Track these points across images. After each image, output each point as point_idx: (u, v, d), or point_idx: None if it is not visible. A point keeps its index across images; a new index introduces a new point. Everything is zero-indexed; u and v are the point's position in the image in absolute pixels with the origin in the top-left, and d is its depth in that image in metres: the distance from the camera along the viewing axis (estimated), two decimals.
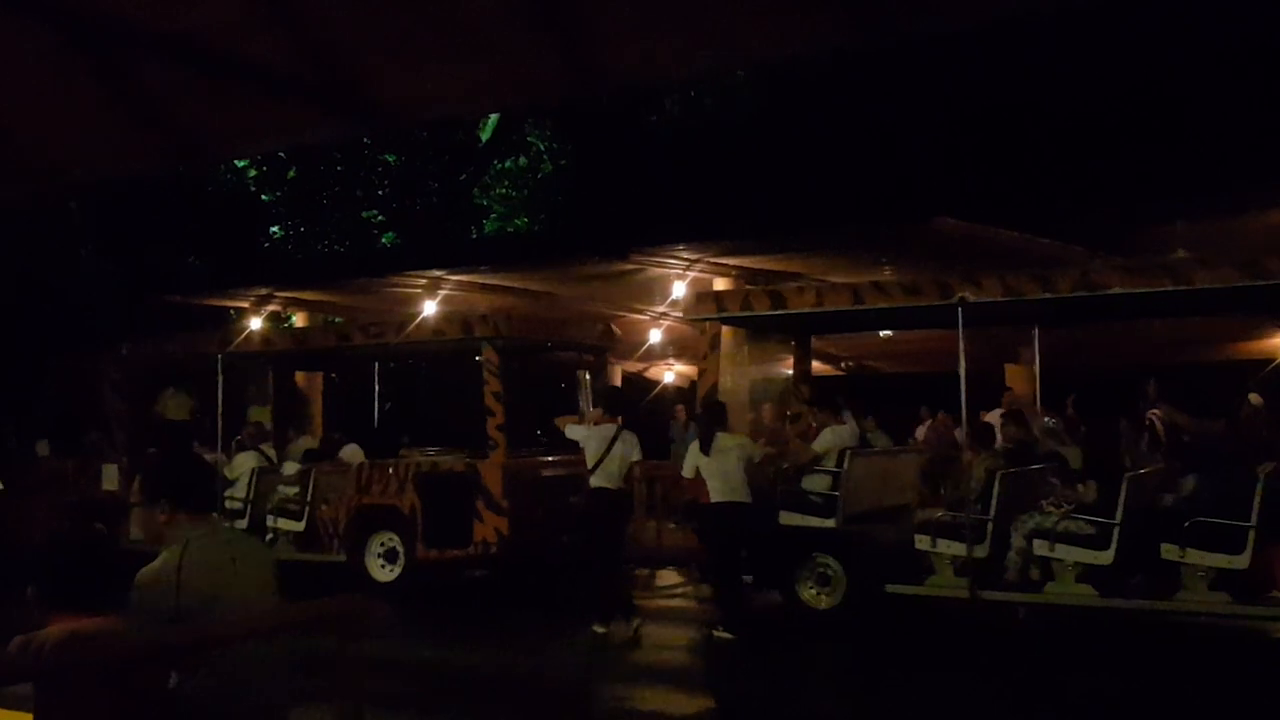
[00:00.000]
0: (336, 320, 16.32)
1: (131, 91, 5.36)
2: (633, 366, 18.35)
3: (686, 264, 12.45)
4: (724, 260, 12.55)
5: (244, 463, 12.52)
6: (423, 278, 13.61)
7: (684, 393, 19.51)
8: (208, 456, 11.89)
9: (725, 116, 22.40)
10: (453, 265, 13.68)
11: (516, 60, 4.41)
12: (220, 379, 12.35)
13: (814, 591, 9.27)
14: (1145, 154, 16.96)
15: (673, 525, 10.17)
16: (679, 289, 12.24)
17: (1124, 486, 8.26)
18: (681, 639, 9.27)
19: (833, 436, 9.80)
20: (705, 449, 9.07)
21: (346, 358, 14.42)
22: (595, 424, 9.56)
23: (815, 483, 9.55)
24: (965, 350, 9.10)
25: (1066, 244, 11.10)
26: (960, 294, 8.81)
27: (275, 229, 24.36)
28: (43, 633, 3.09)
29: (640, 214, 20.56)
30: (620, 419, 9.41)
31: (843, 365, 18.17)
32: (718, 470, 8.98)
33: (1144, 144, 17.28)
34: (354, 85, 4.72)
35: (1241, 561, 7.79)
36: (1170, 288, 8.20)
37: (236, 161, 21.86)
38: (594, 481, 9.22)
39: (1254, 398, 11.70)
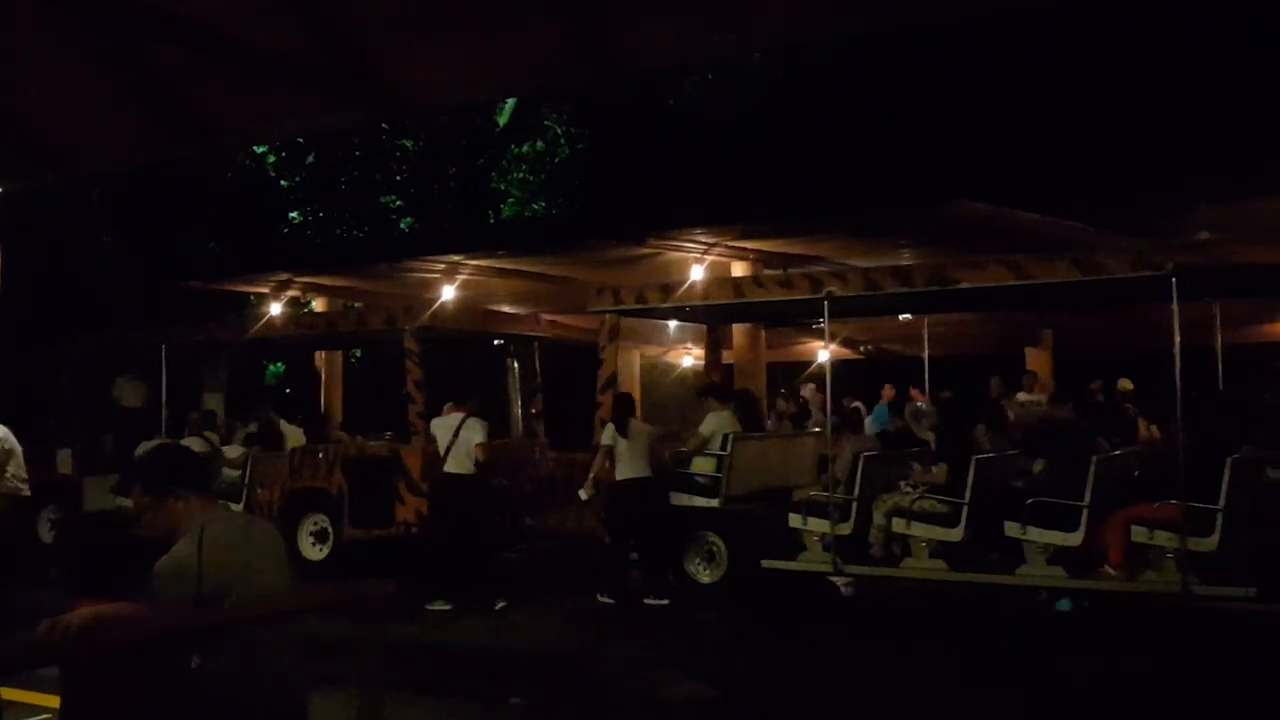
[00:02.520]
0: (308, 308, 16.55)
1: (148, 80, 5.39)
2: (651, 351, 18.36)
3: (704, 248, 12.44)
4: (741, 244, 12.54)
5: (189, 447, 12.74)
6: (441, 262, 13.63)
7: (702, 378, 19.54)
8: (151, 444, 12.31)
9: (742, 100, 22.32)
10: (470, 250, 13.69)
11: (532, 46, 4.41)
12: (164, 367, 12.91)
13: (700, 567, 9.89)
14: (1167, 135, 16.84)
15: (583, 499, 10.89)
16: (697, 273, 12.23)
17: (972, 468, 8.87)
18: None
19: (716, 422, 10.29)
20: (623, 433, 9.86)
21: (290, 347, 15.27)
22: (447, 414, 10.40)
23: (702, 465, 10.10)
24: (835, 339, 9.52)
25: (1086, 226, 11.04)
26: (828, 289, 9.55)
27: (294, 214, 24.42)
28: (68, 616, 3.13)
29: (657, 198, 20.54)
30: (467, 408, 10.24)
31: (861, 349, 18.14)
32: (628, 451, 9.79)
33: (1167, 125, 17.15)
34: (370, 71, 4.73)
35: (1075, 539, 8.38)
36: (1012, 282, 8.89)
37: (255, 147, 21.92)
38: (446, 468, 10.13)
39: (1123, 383, 12.15)
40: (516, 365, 13.45)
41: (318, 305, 16.94)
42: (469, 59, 4.54)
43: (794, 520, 9.53)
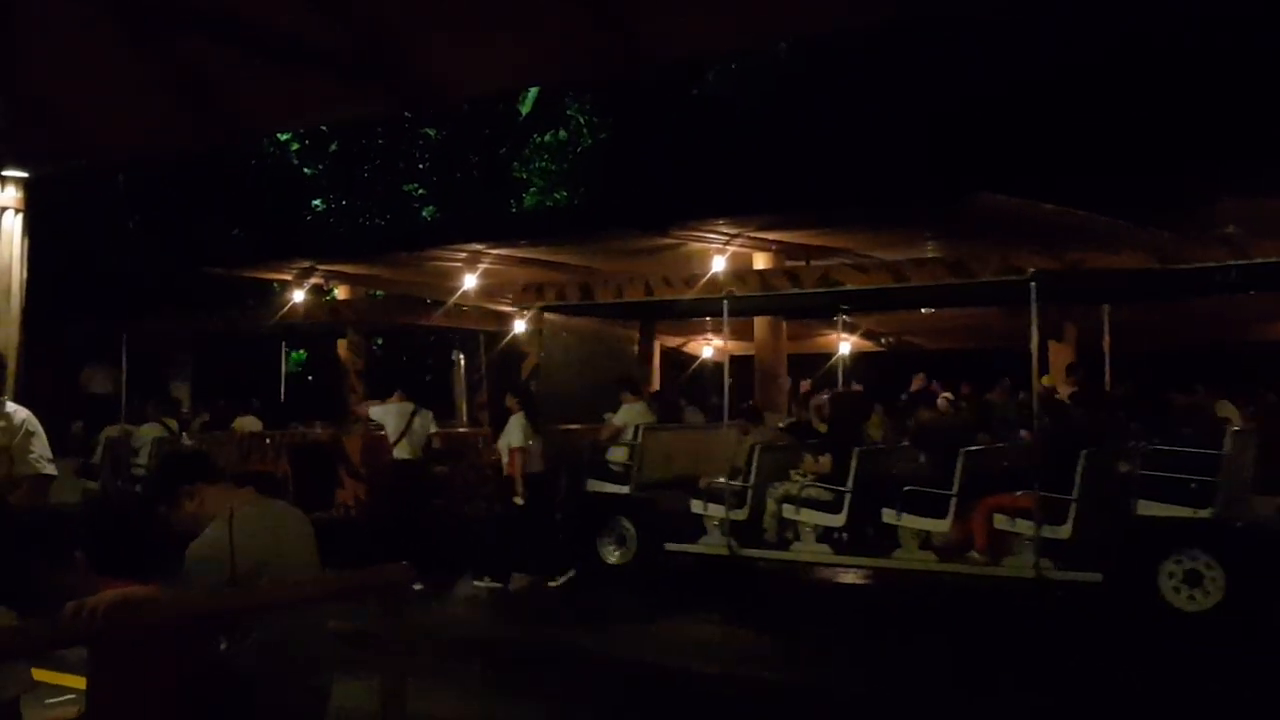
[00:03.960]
0: (330, 296, 16.71)
1: (176, 66, 5.41)
2: (671, 341, 18.34)
3: (726, 238, 12.41)
4: (764, 235, 12.50)
5: (147, 433, 13.07)
6: (463, 251, 13.64)
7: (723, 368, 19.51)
8: (114, 429, 13.30)
9: (766, 90, 22.24)
10: (492, 239, 13.70)
11: (558, 35, 4.41)
12: (124, 355, 13.49)
13: (611, 549, 10.44)
14: (1197, 127, 16.71)
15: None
16: (719, 263, 12.21)
17: (854, 459, 9.52)
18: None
19: (628, 413, 10.99)
20: (536, 426, 10.58)
21: (248, 340, 16.17)
22: (396, 403, 11.07)
23: (616, 454, 10.77)
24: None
25: (1113, 219, 10.96)
26: (728, 290, 10.45)
27: (317, 202, 24.50)
28: (95, 598, 3.16)
29: (680, 188, 20.50)
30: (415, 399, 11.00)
31: (883, 341, 18.08)
32: (536, 446, 10.50)
33: (1195, 117, 17.02)
34: (396, 60, 4.74)
35: (944, 525, 9.05)
36: (891, 285, 9.79)
37: (279, 135, 21.99)
38: (396, 454, 10.81)
39: (1006, 381, 13.24)
40: (462, 357, 14.12)
41: (340, 293, 16.98)
42: (495, 48, 4.55)
43: (696, 506, 10.18)
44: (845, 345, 17.82)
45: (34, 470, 5.00)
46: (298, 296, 14.81)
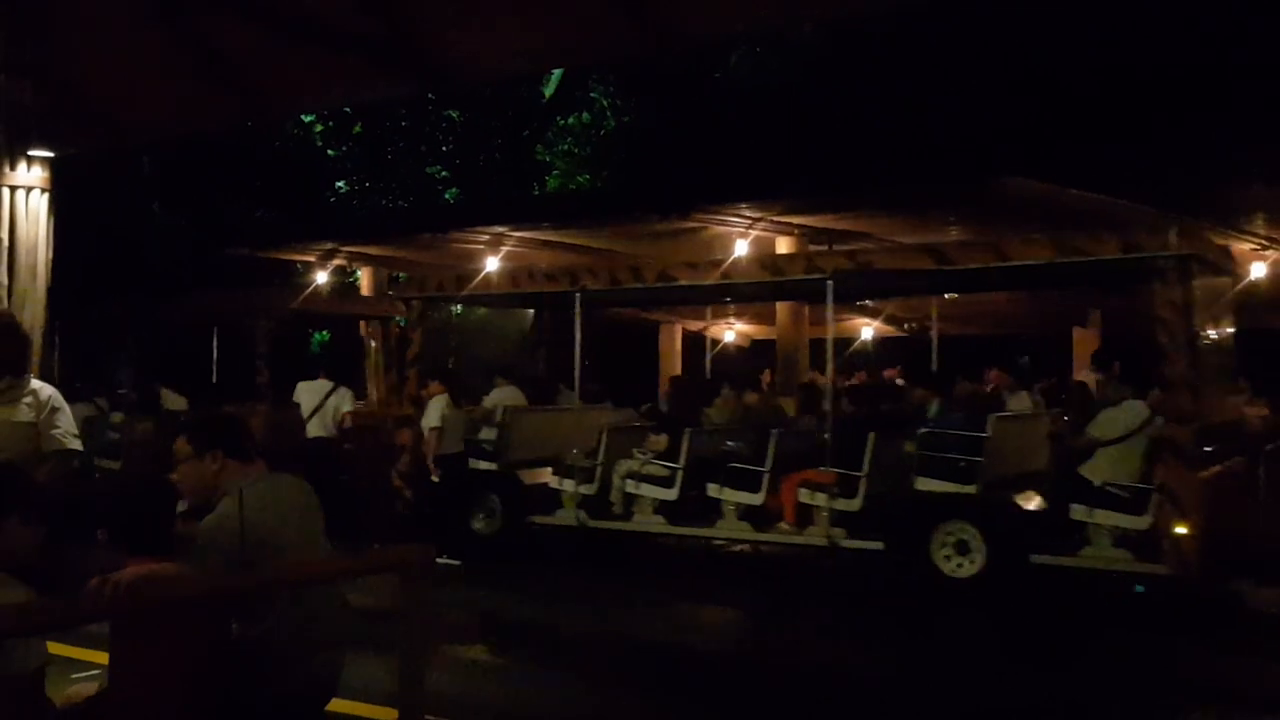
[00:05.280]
0: (354, 278, 16.78)
1: (202, 46, 5.43)
2: (693, 325, 18.33)
3: (749, 222, 12.38)
4: (787, 219, 12.46)
5: (78, 412, 13.15)
6: (485, 234, 13.66)
7: (745, 352, 19.48)
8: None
9: (790, 74, 22.15)
10: (515, 222, 13.71)
11: (582, 16, 4.40)
12: (56, 339, 13.41)
13: (483, 522, 11.00)
14: (1225, 113, 16.55)
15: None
16: (741, 247, 12.18)
17: (685, 438, 10.30)
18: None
19: (499, 395, 11.73)
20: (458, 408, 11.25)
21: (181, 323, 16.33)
22: (316, 382, 11.68)
23: (488, 434, 11.25)
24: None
25: (1137, 205, 10.88)
26: (582, 284, 10.98)
27: (341, 184, 24.57)
28: (118, 575, 3.19)
29: (703, 171, 20.45)
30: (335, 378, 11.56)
31: (905, 327, 18.01)
32: (452, 427, 11.02)
33: (1223, 103, 16.85)
34: (421, 41, 4.74)
35: (758, 499, 9.92)
36: (720, 280, 10.41)
37: (303, 117, 22.04)
38: (310, 430, 11.31)
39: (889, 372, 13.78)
40: (374, 344, 14.57)
41: (363, 274, 17.04)
42: (519, 29, 4.54)
43: (553, 482, 10.98)
44: (868, 330, 17.84)
45: (60, 445, 5.05)
46: (321, 278, 14.87)
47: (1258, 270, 12.86)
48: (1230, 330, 10.14)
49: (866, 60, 20.51)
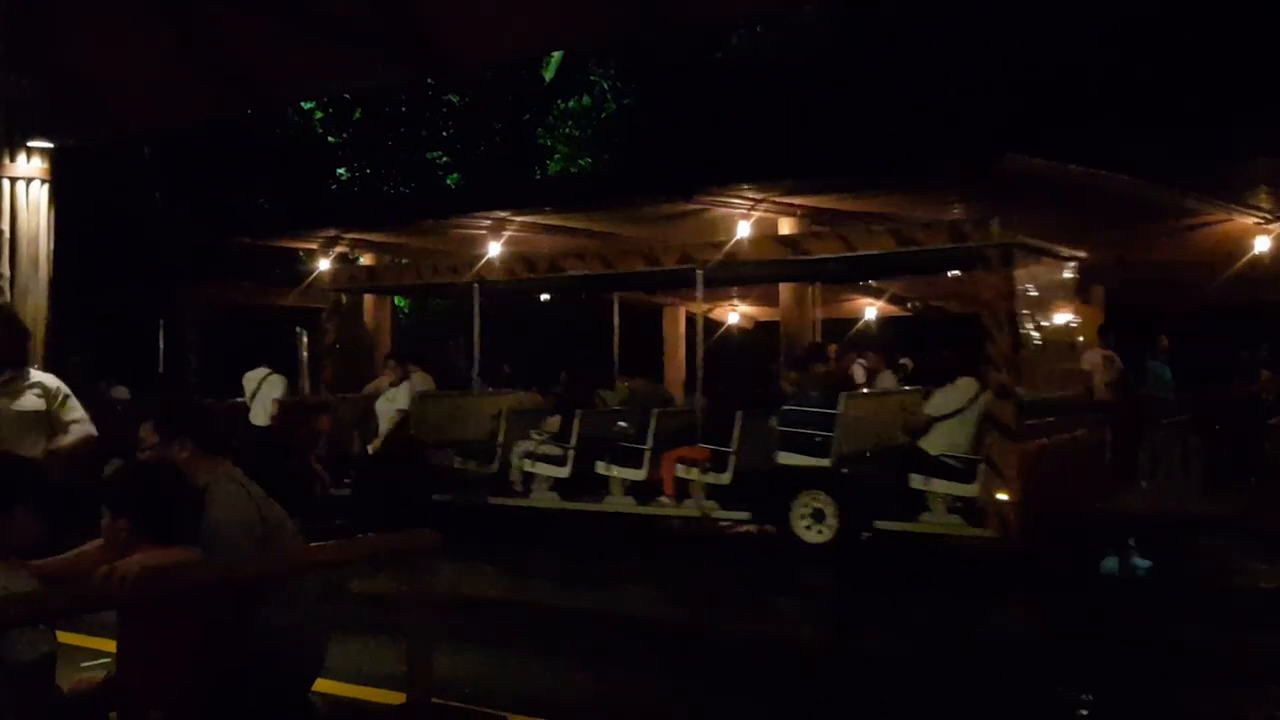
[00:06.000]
0: (356, 264, 16.82)
1: (200, 35, 5.42)
2: (696, 308, 18.30)
3: (751, 204, 12.34)
4: (789, 200, 12.42)
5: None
6: (488, 219, 13.63)
7: (749, 334, 19.48)
8: None
9: (791, 54, 22.06)
10: (517, 206, 13.68)
11: (581, 1, 4.39)
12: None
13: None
14: (1229, 87, 16.47)
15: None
16: (744, 229, 12.14)
17: (576, 420, 11.13)
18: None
19: (409, 384, 12.08)
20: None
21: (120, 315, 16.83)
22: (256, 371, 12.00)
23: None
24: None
25: (1139, 180, 10.84)
26: (480, 275, 11.90)
27: (341, 170, 24.54)
28: (125, 562, 3.20)
29: (705, 153, 20.39)
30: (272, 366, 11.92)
31: (909, 306, 18.00)
32: (383, 415, 11.53)
33: (1227, 76, 16.78)
34: (419, 27, 4.73)
35: (640, 474, 10.72)
36: (601, 271, 11.40)
37: (303, 104, 21.99)
38: (251, 419, 11.60)
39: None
40: (305, 335, 15.29)
41: (365, 261, 17.04)
42: (518, 13, 4.53)
43: (458, 463, 11.66)
44: (872, 310, 17.83)
45: (81, 430, 5.11)
46: (323, 265, 14.87)
47: (1262, 244, 12.83)
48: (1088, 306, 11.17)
49: (868, 40, 20.42)
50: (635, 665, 6.57)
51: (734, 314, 18.62)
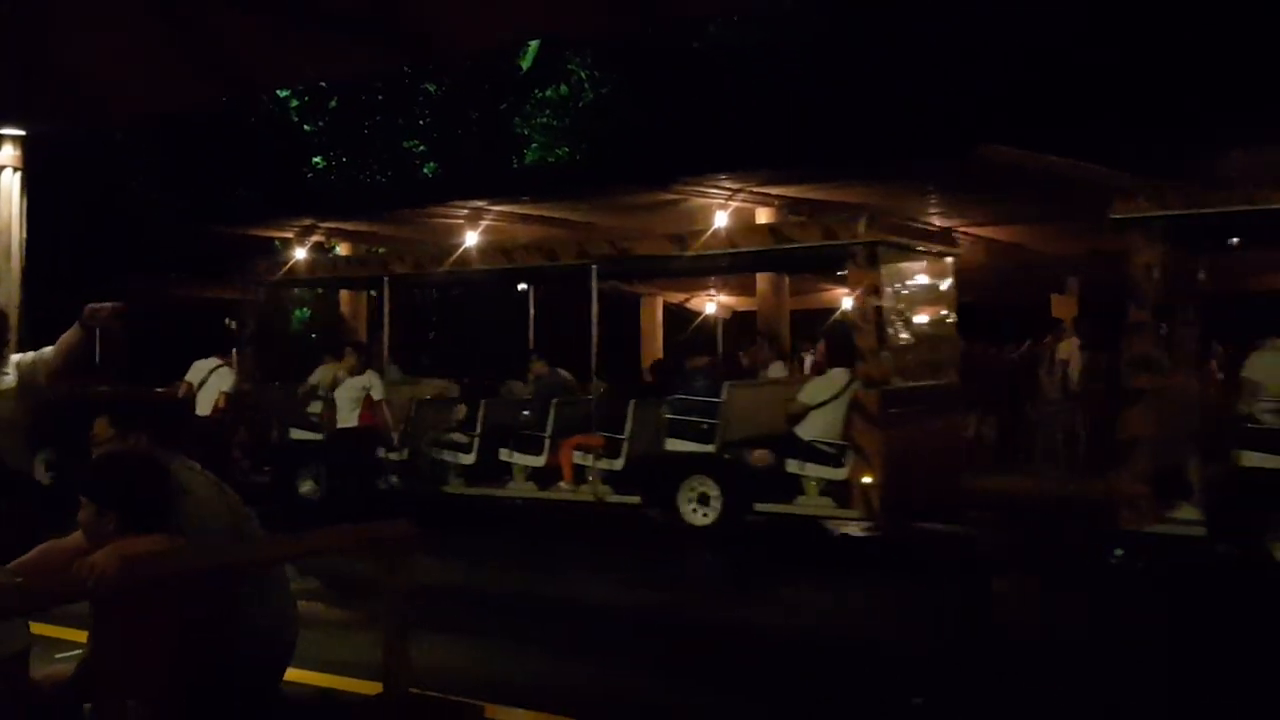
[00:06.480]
0: (332, 253, 16.75)
1: (174, 24, 5.37)
2: (674, 298, 18.31)
3: (729, 193, 12.36)
4: (766, 190, 12.44)
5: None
6: (464, 208, 13.60)
7: (728, 325, 19.48)
8: None
9: (769, 43, 22.04)
10: (494, 195, 13.65)
11: None
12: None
13: (306, 486, 12.11)
14: (1205, 77, 16.57)
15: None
16: (721, 219, 12.16)
17: (481, 409, 11.77)
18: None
19: (321, 373, 12.52)
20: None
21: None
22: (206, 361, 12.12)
23: (314, 406, 12.44)
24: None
25: (1116, 171, 10.90)
26: (390, 269, 12.94)
27: (317, 159, 24.38)
28: (100, 553, 3.18)
29: (682, 143, 20.37)
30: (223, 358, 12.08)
31: None
32: (344, 402, 11.60)
33: (1203, 68, 16.87)
34: (394, 16, 4.70)
35: (540, 461, 11.35)
36: (507, 265, 12.09)
37: (278, 92, 21.82)
38: (196, 409, 11.73)
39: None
40: (233, 324, 15.33)
41: (342, 250, 16.96)
42: (499, 2, 4.51)
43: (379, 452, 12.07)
44: (849, 300, 17.85)
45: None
46: (299, 254, 14.79)
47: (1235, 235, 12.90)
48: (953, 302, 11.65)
49: (851, 30, 20.43)
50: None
51: (711, 304, 18.63)
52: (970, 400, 13.17)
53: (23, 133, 6.83)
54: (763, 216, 12.73)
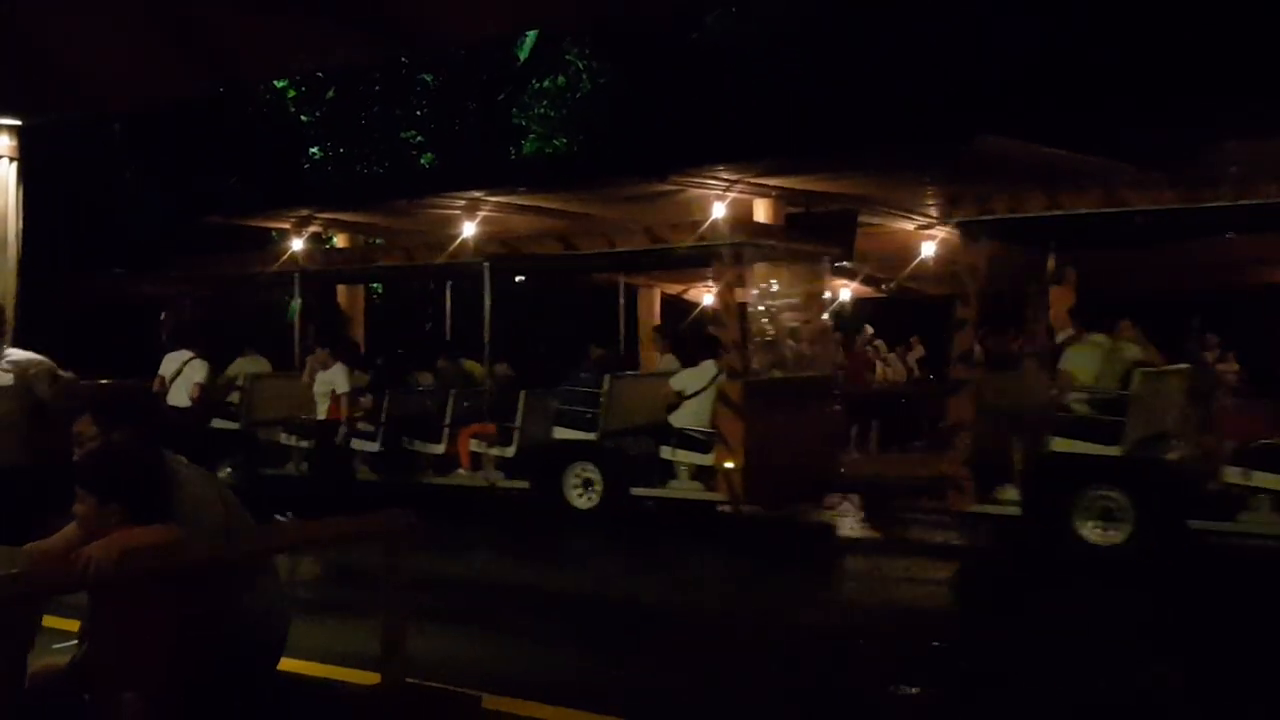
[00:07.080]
0: (329, 244, 16.77)
1: (169, 13, 5.35)
2: (672, 289, 18.29)
3: (726, 184, 12.31)
4: (764, 180, 12.41)
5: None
6: (461, 199, 13.56)
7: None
8: None
9: (768, 34, 22.01)
10: (491, 186, 13.61)
11: None
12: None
13: (225, 472, 12.19)
14: (1199, 67, 16.56)
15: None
16: (719, 210, 12.13)
17: (386, 400, 12.43)
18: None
19: (240, 365, 13.12)
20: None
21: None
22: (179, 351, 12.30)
23: (234, 398, 13.08)
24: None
25: (1112, 161, 10.88)
26: (300, 266, 13.72)
27: (314, 150, 24.33)
28: (96, 544, 3.18)
29: (680, 134, 20.34)
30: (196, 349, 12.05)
31: (883, 288, 18.03)
32: (317, 397, 11.82)
33: (1197, 56, 16.86)
34: (389, 5, 4.69)
35: (439, 448, 12.13)
36: (435, 260, 12.88)
37: (275, 82, 21.77)
38: (169, 400, 11.74)
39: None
40: (165, 315, 15.60)
41: (339, 241, 16.92)
42: None
43: (285, 439, 12.85)
44: (845, 291, 17.85)
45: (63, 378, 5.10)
46: (296, 245, 14.76)
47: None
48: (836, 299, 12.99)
49: (849, 21, 20.39)
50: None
51: (708, 295, 18.61)
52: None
53: (18, 123, 6.81)
54: (760, 208, 12.71)
